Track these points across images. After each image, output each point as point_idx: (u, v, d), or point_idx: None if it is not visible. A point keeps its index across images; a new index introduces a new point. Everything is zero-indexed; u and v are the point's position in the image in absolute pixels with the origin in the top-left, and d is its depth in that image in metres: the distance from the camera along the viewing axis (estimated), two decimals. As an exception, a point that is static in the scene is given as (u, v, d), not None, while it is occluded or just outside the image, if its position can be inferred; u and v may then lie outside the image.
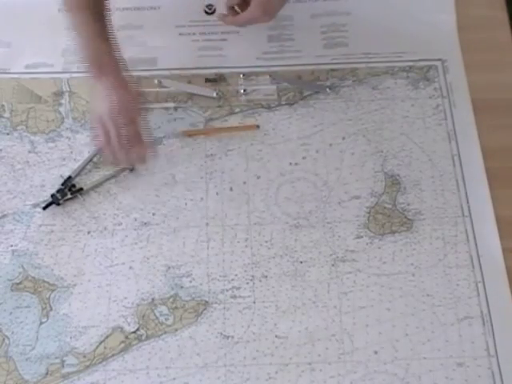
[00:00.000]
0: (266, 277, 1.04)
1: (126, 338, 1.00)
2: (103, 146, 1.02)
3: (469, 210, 1.08)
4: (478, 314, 1.01)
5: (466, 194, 1.10)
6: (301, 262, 1.04)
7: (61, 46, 1.25)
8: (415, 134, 1.15)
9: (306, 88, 1.20)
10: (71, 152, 1.14)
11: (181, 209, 1.09)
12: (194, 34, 1.27)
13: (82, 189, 1.09)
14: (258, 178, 1.12)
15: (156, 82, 1.20)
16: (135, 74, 1.21)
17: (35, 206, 1.09)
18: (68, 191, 1.08)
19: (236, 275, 1.04)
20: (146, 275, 1.04)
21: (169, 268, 1.05)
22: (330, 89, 1.19)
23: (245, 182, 1.11)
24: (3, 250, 1.06)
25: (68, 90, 1.20)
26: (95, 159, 1.12)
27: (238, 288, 1.03)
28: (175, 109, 1.18)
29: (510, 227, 1.07)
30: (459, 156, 1.12)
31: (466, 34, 1.22)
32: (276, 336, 1.00)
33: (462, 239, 1.06)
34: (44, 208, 1.08)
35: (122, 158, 1.03)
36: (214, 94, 1.18)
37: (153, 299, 1.02)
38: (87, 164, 1.10)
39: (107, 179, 1.10)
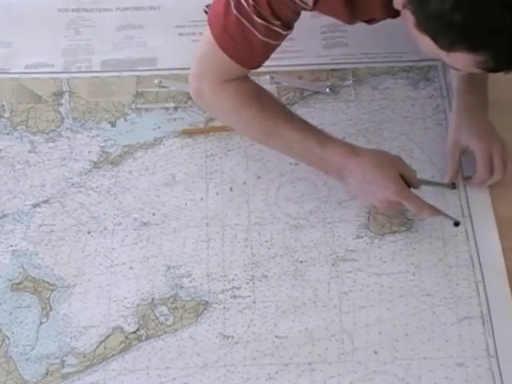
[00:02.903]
0: (266, 277, 1.04)
1: (126, 338, 1.00)
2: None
3: (469, 210, 1.08)
4: (478, 314, 1.00)
5: (466, 193, 1.10)
6: (301, 262, 1.04)
7: (61, 46, 1.26)
8: (415, 133, 1.15)
9: (306, 88, 1.20)
10: (71, 152, 1.14)
11: (181, 209, 1.09)
12: (193, 34, 1.27)
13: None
14: (258, 178, 1.12)
15: (156, 81, 1.20)
16: (135, 74, 1.22)
17: (35, 205, 1.09)
18: None
19: (236, 275, 1.04)
20: (146, 275, 1.04)
21: (169, 268, 1.04)
22: (330, 89, 1.19)
23: (245, 182, 1.11)
24: (3, 250, 1.06)
25: (68, 89, 1.20)
26: (96, 160, 1.13)
27: (238, 288, 1.03)
28: (175, 109, 1.18)
29: (510, 227, 1.07)
30: (459, 156, 1.12)
31: (466, 34, 1.22)
32: (276, 336, 0.99)
33: (462, 239, 1.06)
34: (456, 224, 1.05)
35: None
36: (214, 94, 1.18)
37: (153, 299, 1.02)
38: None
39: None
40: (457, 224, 1.05)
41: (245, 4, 0.93)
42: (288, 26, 0.96)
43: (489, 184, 1.08)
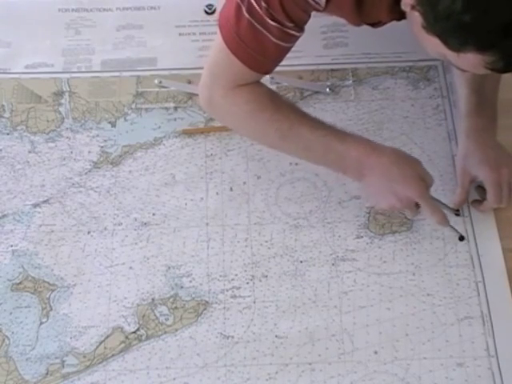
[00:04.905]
0: (266, 276, 1.04)
1: (126, 338, 1.00)
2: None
3: (469, 210, 1.08)
4: (478, 314, 1.00)
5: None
6: (301, 262, 1.04)
7: (61, 46, 1.26)
8: (415, 133, 1.15)
9: (306, 88, 1.20)
10: (71, 152, 1.14)
11: (181, 209, 1.09)
12: (193, 33, 1.27)
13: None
14: (258, 178, 1.12)
15: (156, 81, 1.20)
16: (135, 74, 1.22)
17: (35, 205, 1.09)
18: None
19: (236, 275, 1.04)
20: (146, 275, 1.04)
21: (169, 268, 1.04)
22: (330, 89, 1.19)
23: (245, 182, 1.11)
24: (3, 250, 1.06)
25: (68, 89, 1.20)
26: (95, 159, 1.13)
27: (238, 288, 1.03)
28: (175, 109, 1.18)
29: (510, 227, 1.07)
30: (459, 156, 1.12)
31: (466, 34, 1.22)
32: (276, 336, 1.00)
33: (462, 239, 1.06)
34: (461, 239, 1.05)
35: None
36: (214, 94, 1.18)
37: (153, 299, 1.02)
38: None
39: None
40: (462, 239, 1.04)
41: (257, 7, 0.92)
42: (300, 27, 0.96)
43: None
